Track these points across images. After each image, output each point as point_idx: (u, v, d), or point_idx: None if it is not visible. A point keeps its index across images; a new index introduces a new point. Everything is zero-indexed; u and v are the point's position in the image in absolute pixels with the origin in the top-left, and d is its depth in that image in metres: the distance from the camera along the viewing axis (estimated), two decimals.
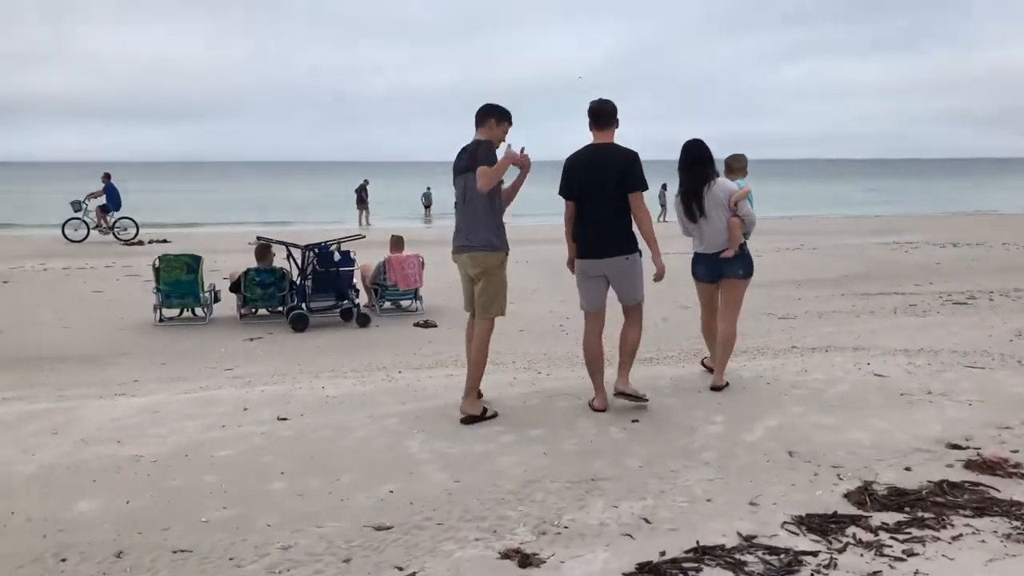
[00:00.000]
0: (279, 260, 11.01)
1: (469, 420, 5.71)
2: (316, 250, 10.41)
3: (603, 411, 5.95)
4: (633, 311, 6.04)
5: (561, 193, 5.91)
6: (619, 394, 5.98)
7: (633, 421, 5.77)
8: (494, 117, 5.79)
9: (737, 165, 7.65)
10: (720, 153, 7.43)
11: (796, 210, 41.10)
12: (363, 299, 11.38)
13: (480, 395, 6.01)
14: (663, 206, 30.99)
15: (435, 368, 7.74)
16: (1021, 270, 15.15)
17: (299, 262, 10.50)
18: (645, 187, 5.78)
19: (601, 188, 5.70)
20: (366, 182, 33.69)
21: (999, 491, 4.51)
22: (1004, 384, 6.69)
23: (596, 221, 5.76)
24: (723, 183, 6.55)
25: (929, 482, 4.64)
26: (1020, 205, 42.65)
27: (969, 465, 4.91)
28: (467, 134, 5.93)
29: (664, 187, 30.17)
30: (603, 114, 5.80)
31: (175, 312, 10.88)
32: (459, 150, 5.86)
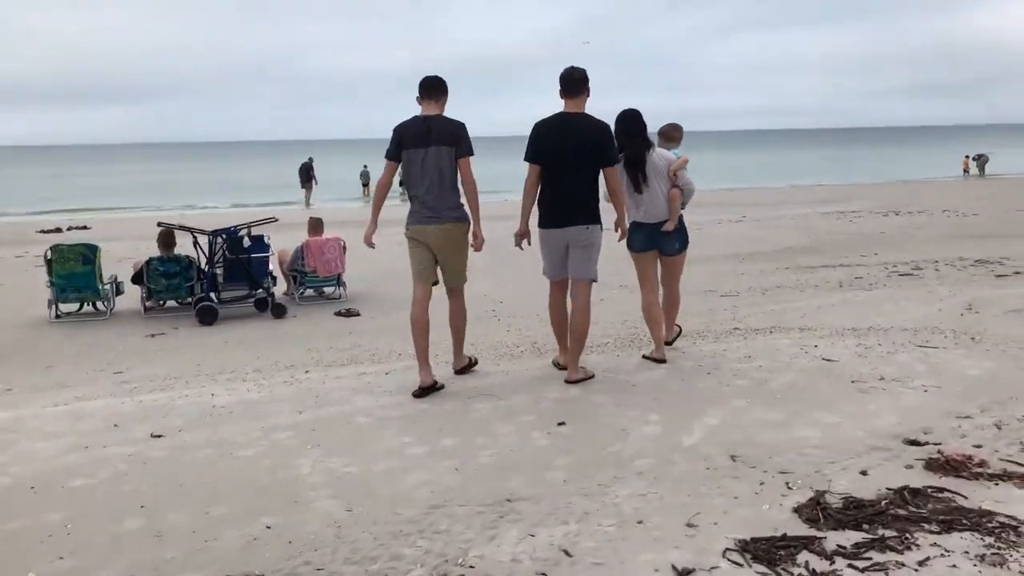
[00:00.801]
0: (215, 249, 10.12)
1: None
2: (223, 236, 9.57)
3: (565, 368, 6.10)
4: (582, 290, 5.93)
5: (527, 158, 5.82)
6: (571, 383, 5.96)
7: (559, 424, 5.14)
8: (446, 93, 5.86)
9: (675, 134, 7.15)
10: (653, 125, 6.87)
11: (738, 181, 40.95)
12: (282, 287, 10.60)
13: (471, 361, 6.44)
14: None
15: (348, 365, 7.02)
16: (963, 238, 14.88)
17: (206, 249, 9.65)
18: (618, 160, 5.90)
19: (571, 156, 5.67)
20: (311, 160, 32.65)
21: (966, 497, 3.98)
22: (959, 365, 6.20)
23: (562, 189, 5.74)
24: (661, 153, 6.48)
25: (888, 489, 4.09)
26: (957, 172, 43.05)
27: (930, 465, 4.38)
28: (407, 112, 5.89)
29: None
30: (572, 81, 5.76)
31: (76, 306, 9.98)
32: (411, 119, 5.77)
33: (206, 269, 9.69)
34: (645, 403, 5.49)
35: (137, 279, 9.87)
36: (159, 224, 10.17)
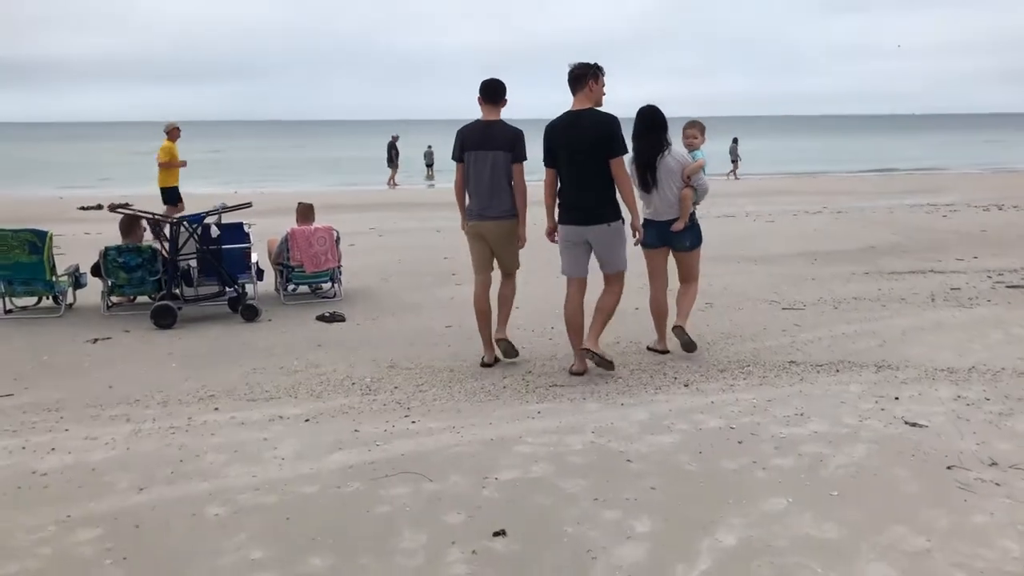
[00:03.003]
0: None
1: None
2: (186, 223, 8.15)
3: (582, 375, 5.86)
4: (614, 280, 5.93)
5: (544, 161, 5.87)
6: (586, 351, 5.80)
7: (496, 534, 3.50)
8: (505, 96, 6.18)
9: (696, 135, 6.50)
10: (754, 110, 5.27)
11: (820, 165, 38.33)
12: (270, 282, 9.19)
13: (503, 339, 6.28)
14: (735, 161, 31.19)
15: (274, 400, 5.50)
16: None
17: (177, 238, 8.24)
18: (625, 151, 5.74)
19: (582, 154, 5.64)
20: (395, 138, 31.44)
21: None
22: None
23: (578, 188, 5.70)
24: (677, 152, 6.31)
25: None
26: None
27: None
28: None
29: (735, 141, 31.31)
30: (572, 78, 5.74)
31: (33, 300, 8.74)
32: (475, 123, 6.16)
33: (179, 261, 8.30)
34: (636, 495, 3.82)
35: (96, 271, 8.56)
36: (110, 208, 8.81)
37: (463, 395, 5.45)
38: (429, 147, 37.90)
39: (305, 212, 9.06)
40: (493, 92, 6.12)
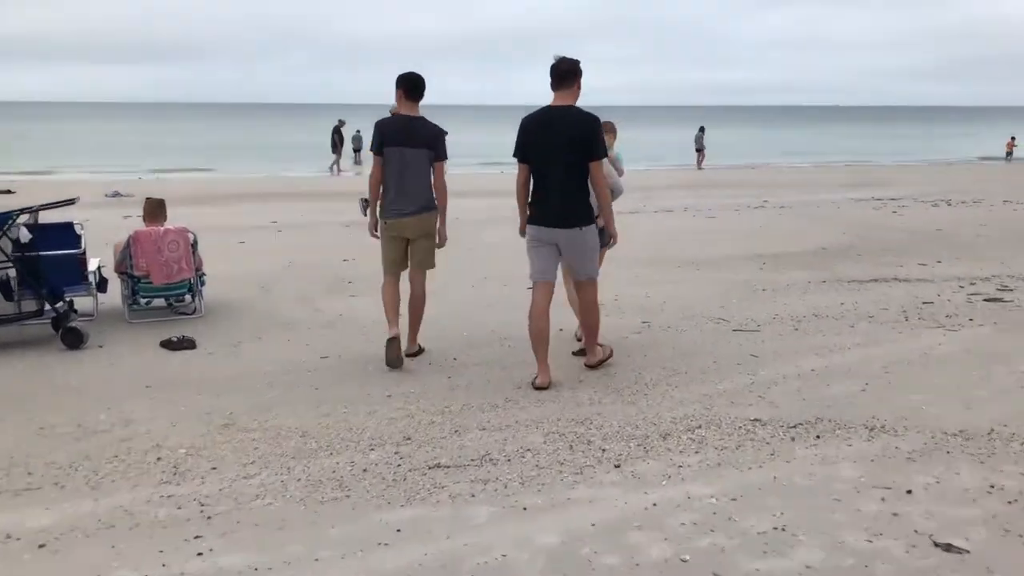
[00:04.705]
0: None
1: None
2: None
3: (545, 388, 5.30)
4: (587, 288, 5.60)
5: (515, 155, 5.50)
6: (591, 367, 5.61)
7: None
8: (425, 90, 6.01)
9: (609, 134, 6.39)
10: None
11: (759, 157, 37.48)
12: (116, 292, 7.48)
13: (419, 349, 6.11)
14: (699, 150, 30.59)
15: (34, 492, 3.86)
16: None
17: None
18: (605, 154, 5.43)
19: (558, 153, 5.30)
20: (341, 123, 29.57)
21: None
22: None
23: (551, 188, 5.37)
24: None
25: None
26: (999, 154, 39.22)
27: None
28: (445, 73, 3.75)
29: (701, 129, 31.03)
30: (560, 73, 5.38)
31: None
32: (396, 117, 6.02)
33: None
34: None
35: None
36: None
37: (300, 487, 3.82)
38: (358, 131, 35.95)
39: (153, 210, 7.35)
40: (415, 87, 5.92)
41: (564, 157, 5.30)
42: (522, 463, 4.03)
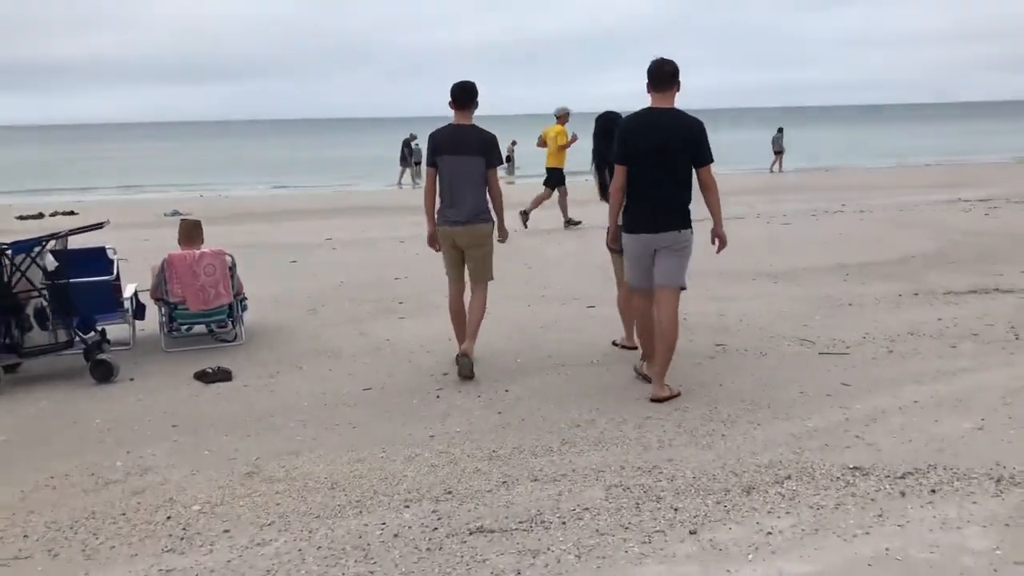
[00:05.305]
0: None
1: None
2: (8, 255, 5.99)
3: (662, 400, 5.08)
4: (670, 299, 5.25)
5: (614, 159, 5.36)
6: (657, 401, 5.14)
7: None
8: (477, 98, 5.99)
9: None
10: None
11: (835, 159, 36.10)
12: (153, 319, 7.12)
13: (465, 355, 5.81)
14: (779, 152, 29.94)
15: (11, 566, 3.41)
16: None
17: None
18: (712, 159, 5.33)
19: (662, 156, 5.18)
20: (412, 137, 29.52)
21: None
22: None
23: (653, 191, 5.24)
24: None
25: None
26: None
27: None
28: (509, 82, 3.05)
29: (780, 131, 30.16)
30: (663, 75, 5.25)
31: None
32: (447, 127, 5.95)
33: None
34: None
35: None
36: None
37: (320, 559, 3.22)
38: (416, 144, 35.78)
39: (188, 233, 6.96)
40: (465, 95, 5.90)
41: (669, 160, 5.20)
42: (579, 527, 3.44)
